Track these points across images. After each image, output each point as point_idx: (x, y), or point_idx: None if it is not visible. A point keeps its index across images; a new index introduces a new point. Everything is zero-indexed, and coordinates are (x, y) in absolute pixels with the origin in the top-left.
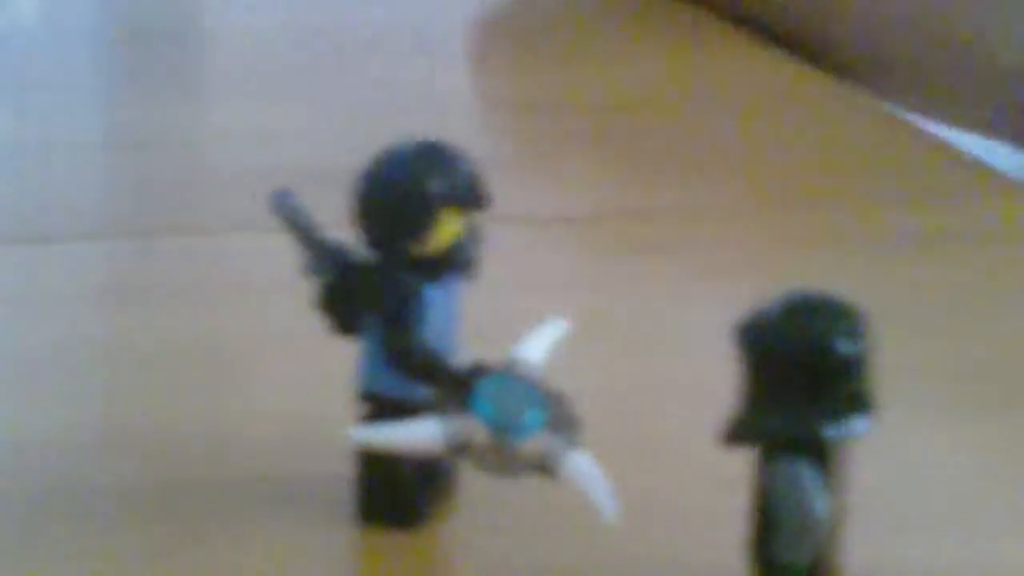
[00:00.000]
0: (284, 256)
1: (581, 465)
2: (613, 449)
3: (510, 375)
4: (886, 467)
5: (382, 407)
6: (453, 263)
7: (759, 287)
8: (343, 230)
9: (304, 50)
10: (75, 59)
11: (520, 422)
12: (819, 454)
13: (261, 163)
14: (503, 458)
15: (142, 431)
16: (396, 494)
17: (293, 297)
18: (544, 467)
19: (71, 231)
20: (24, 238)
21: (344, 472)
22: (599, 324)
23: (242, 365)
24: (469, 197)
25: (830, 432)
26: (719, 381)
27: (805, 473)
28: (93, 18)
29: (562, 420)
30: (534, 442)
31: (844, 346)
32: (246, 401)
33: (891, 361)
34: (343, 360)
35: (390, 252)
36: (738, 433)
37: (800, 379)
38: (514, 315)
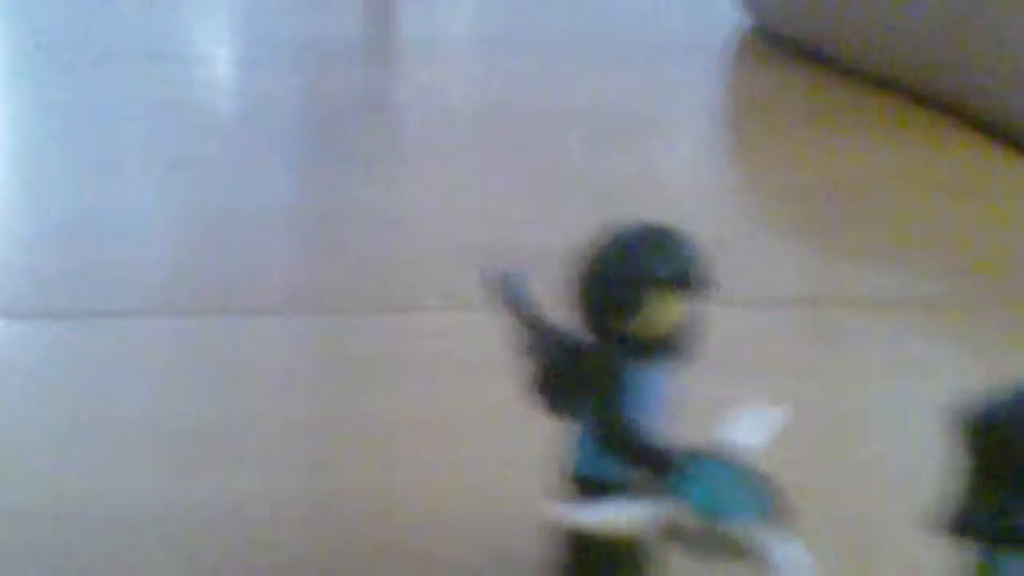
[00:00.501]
0: (481, 332)
1: (792, 555)
2: (823, 540)
3: (723, 459)
4: None
5: (591, 489)
6: (670, 347)
7: (973, 381)
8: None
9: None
10: (276, 135)
11: (731, 507)
12: None
13: (464, 240)
14: (712, 543)
15: (341, 506)
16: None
17: (490, 374)
18: (753, 554)
19: (264, 305)
20: (223, 308)
21: (543, 554)
22: (807, 411)
23: (445, 442)
24: (685, 280)
25: None
26: (925, 474)
27: None
28: (296, 97)
29: (773, 508)
30: (744, 528)
31: None
32: (449, 478)
33: None
34: (543, 440)
35: (607, 334)
36: (964, 524)
37: None
38: (715, 398)
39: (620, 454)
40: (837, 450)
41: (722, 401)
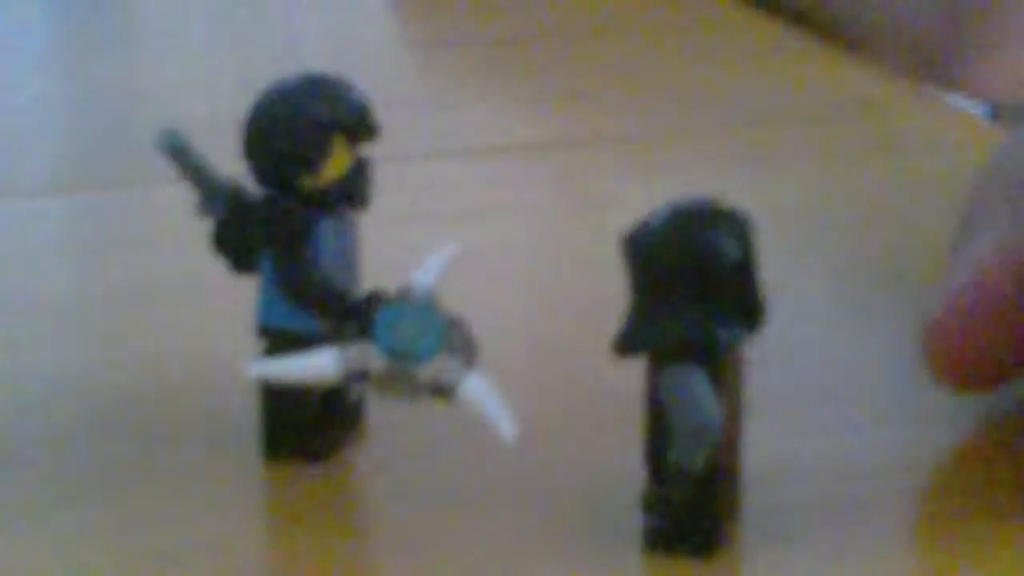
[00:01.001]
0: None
1: (477, 387)
2: (510, 370)
3: (406, 302)
4: (783, 365)
5: (280, 341)
6: (345, 196)
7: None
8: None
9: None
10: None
11: (416, 348)
12: (709, 360)
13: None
14: (402, 384)
15: (54, 379)
16: (300, 426)
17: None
18: (441, 391)
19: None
20: None
21: (250, 407)
22: (496, 251)
23: (155, 311)
24: (359, 126)
25: (718, 337)
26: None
27: (694, 379)
28: None
29: (459, 344)
30: (431, 366)
31: (729, 250)
32: (157, 345)
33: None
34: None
35: (281, 186)
36: (628, 343)
37: (687, 286)
38: (418, 249)
39: (304, 304)
40: (530, 284)
41: (417, 250)
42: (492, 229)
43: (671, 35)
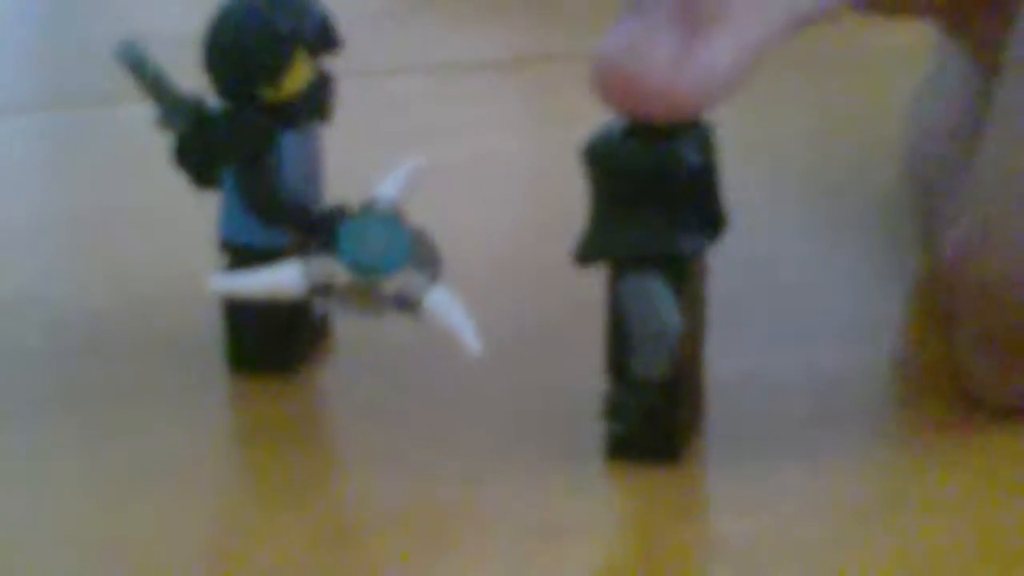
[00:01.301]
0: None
1: (441, 300)
2: (475, 282)
3: (370, 216)
4: (750, 278)
5: (243, 256)
6: (308, 109)
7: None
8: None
9: None
10: None
11: (381, 261)
12: (669, 269)
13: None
14: (366, 298)
15: (18, 298)
16: (265, 340)
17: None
18: (406, 305)
19: None
20: None
21: (215, 323)
22: (462, 166)
23: (117, 231)
24: (321, 39)
25: (678, 246)
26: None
27: (653, 287)
28: None
29: (424, 257)
30: (396, 280)
31: (690, 158)
32: (121, 264)
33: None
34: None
35: (243, 99)
36: (588, 252)
37: (648, 194)
38: (382, 165)
39: (267, 218)
40: (495, 199)
41: (382, 165)
42: (457, 145)
43: None
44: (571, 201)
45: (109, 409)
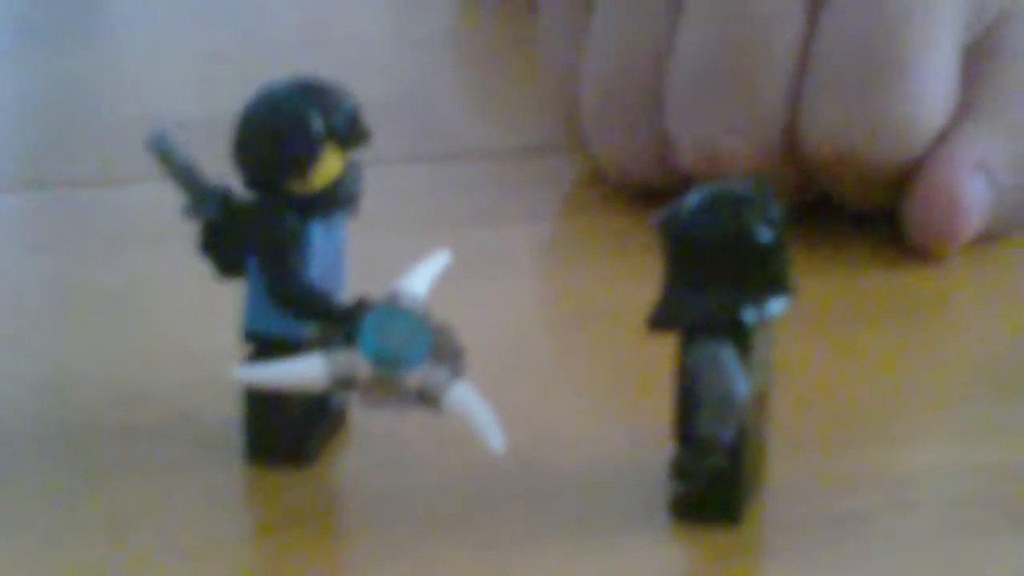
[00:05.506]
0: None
1: (464, 396)
2: (499, 379)
3: (393, 309)
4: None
5: (267, 346)
6: (335, 200)
7: None
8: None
9: None
10: None
11: (403, 355)
12: (739, 336)
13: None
14: (387, 392)
15: (33, 379)
16: (283, 431)
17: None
18: (428, 399)
19: None
20: None
21: (234, 412)
22: (485, 259)
23: (138, 311)
24: (351, 133)
25: (748, 315)
26: (608, 312)
27: (724, 352)
28: None
29: (446, 352)
30: (418, 375)
31: (761, 232)
32: (140, 346)
33: None
34: (236, 302)
35: (270, 191)
36: (660, 320)
37: (719, 266)
38: (403, 254)
39: (290, 309)
40: (514, 294)
41: (400, 257)
42: (476, 236)
43: None
44: (591, 289)
45: (124, 495)
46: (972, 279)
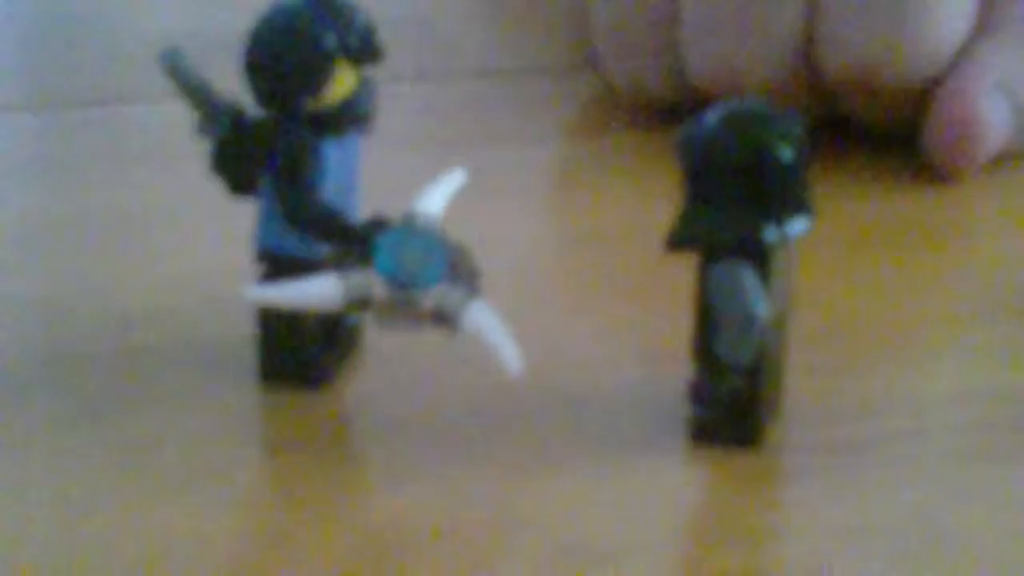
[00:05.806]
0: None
1: (481, 315)
2: (514, 297)
3: (409, 229)
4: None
5: (280, 265)
6: (348, 118)
7: None
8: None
9: None
10: None
11: (419, 275)
12: (759, 256)
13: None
14: (403, 312)
15: (43, 302)
16: (298, 352)
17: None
18: (444, 319)
19: None
20: None
21: (247, 332)
22: (499, 178)
23: (147, 232)
24: (364, 49)
25: (769, 234)
26: (620, 233)
27: (744, 273)
28: None
29: (462, 272)
30: (434, 295)
31: (781, 151)
32: (150, 268)
33: None
34: (248, 221)
35: (284, 108)
36: (679, 239)
37: (739, 185)
38: (417, 172)
39: (305, 228)
40: (531, 213)
41: (415, 175)
42: (489, 156)
43: None
44: (603, 209)
45: (137, 417)
46: (992, 202)
